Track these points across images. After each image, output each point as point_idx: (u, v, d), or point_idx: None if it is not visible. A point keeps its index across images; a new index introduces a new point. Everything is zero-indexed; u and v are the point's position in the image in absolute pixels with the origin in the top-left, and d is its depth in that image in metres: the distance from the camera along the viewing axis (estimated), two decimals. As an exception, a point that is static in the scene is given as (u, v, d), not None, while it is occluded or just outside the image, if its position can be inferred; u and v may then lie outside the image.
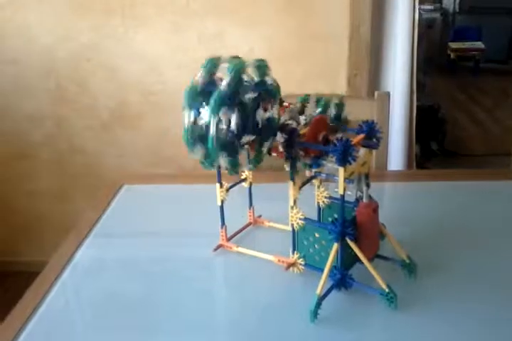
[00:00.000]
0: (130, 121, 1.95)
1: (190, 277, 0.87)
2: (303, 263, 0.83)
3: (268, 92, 0.74)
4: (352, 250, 0.76)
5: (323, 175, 0.75)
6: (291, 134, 0.75)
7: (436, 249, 0.91)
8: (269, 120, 0.74)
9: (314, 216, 0.87)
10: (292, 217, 0.81)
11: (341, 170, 0.71)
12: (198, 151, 0.72)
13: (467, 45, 4.97)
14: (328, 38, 1.77)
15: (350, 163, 0.71)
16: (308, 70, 1.81)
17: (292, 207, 0.80)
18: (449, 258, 0.88)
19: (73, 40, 1.85)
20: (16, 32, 1.85)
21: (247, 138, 0.72)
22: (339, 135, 0.75)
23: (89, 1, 1.80)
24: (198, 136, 0.71)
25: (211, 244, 0.92)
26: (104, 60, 1.87)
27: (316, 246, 0.81)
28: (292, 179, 0.78)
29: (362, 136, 0.75)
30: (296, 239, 0.83)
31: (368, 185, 0.78)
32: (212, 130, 0.69)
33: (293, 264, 0.83)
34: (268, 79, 0.74)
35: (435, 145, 3.09)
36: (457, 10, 5.20)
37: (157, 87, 1.90)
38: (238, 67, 0.70)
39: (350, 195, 0.80)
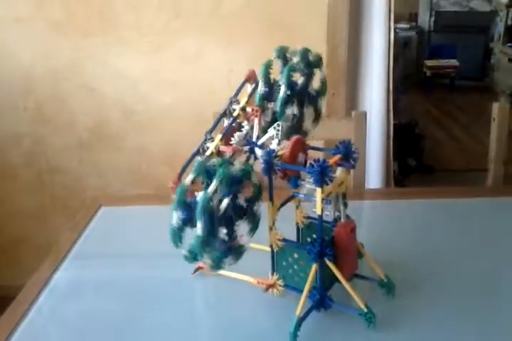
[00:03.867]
0: (109, 141, 1.95)
1: (170, 299, 0.87)
2: (282, 284, 0.83)
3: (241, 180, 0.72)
4: (331, 270, 0.77)
5: (302, 196, 0.76)
6: (269, 156, 0.75)
7: (414, 267, 0.92)
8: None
9: (293, 235, 0.87)
10: (271, 238, 0.81)
11: (319, 190, 0.72)
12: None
13: (442, 62, 5.08)
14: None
15: (328, 184, 0.71)
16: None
17: (271, 228, 0.80)
18: (427, 277, 0.89)
19: (53, 59, 1.84)
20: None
21: (237, 229, 0.72)
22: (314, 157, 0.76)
23: (70, 21, 1.80)
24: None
25: (190, 266, 0.92)
26: (84, 80, 1.87)
27: (295, 266, 0.81)
28: (271, 199, 0.79)
29: (338, 156, 0.76)
30: (276, 260, 0.83)
31: (345, 205, 0.79)
32: (208, 262, 0.71)
33: (272, 285, 0.83)
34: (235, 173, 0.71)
35: (413, 162, 3.14)
36: (432, 28, 5.34)
37: (137, 106, 1.90)
38: (226, 172, 0.70)
39: (328, 215, 0.80)
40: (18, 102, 1.90)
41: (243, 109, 0.84)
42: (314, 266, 0.76)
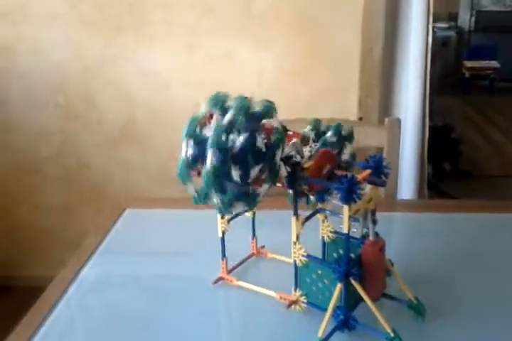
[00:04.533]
0: (138, 139, 1.94)
1: (190, 301, 0.85)
2: (305, 301, 0.79)
3: (263, 117, 0.70)
4: (356, 290, 0.73)
5: (327, 212, 0.72)
6: (294, 168, 0.72)
7: (448, 288, 0.87)
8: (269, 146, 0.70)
9: (319, 250, 0.83)
10: (295, 253, 0.77)
11: (346, 208, 0.68)
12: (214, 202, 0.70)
13: (482, 63, 4.92)
14: (339, 59, 1.75)
15: (355, 202, 0.67)
16: (318, 92, 1.79)
17: (295, 243, 0.77)
18: (461, 300, 0.83)
19: (84, 56, 1.85)
20: (28, 47, 1.85)
21: (254, 172, 0.69)
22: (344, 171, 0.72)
23: (101, 19, 1.80)
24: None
25: (212, 274, 0.89)
26: (114, 78, 1.87)
27: (319, 284, 0.77)
28: (295, 214, 0.75)
29: (368, 171, 0.72)
30: (299, 276, 0.79)
31: (374, 222, 0.75)
32: (217, 201, 0.68)
33: (295, 302, 0.80)
34: (256, 108, 0.69)
35: (448, 166, 3.04)
36: (472, 28, 5.17)
37: (165, 105, 1.89)
38: (218, 135, 0.66)
39: (356, 232, 0.76)
40: (49, 99, 1.92)
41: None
42: (339, 286, 0.72)
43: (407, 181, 1.85)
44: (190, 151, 0.69)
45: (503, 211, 1.11)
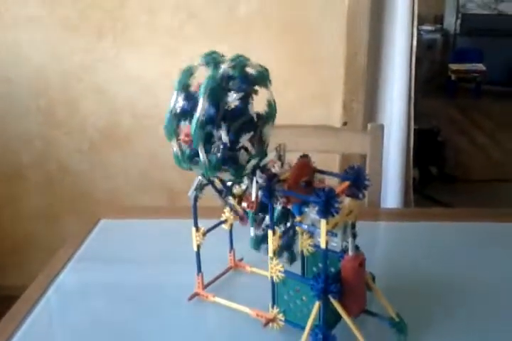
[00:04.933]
0: (120, 143, 1.90)
1: (164, 328, 0.80)
2: (282, 319, 0.76)
3: (256, 82, 0.69)
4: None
5: (305, 227, 0.69)
6: (270, 180, 0.68)
7: (432, 303, 0.83)
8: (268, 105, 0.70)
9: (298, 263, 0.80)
10: (271, 268, 0.74)
11: (323, 222, 0.64)
12: (197, 171, 0.69)
13: (468, 66, 4.93)
14: (324, 64, 1.72)
15: (333, 215, 0.64)
16: (303, 96, 1.76)
17: (272, 258, 0.73)
18: (444, 315, 0.80)
19: (64, 60, 1.81)
20: (7, 50, 1.81)
21: (245, 139, 0.68)
22: (321, 183, 0.69)
23: (81, 22, 1.76)
24: (191, 154, 0.67)
25: (188, 287, 0.86)
26: (95, 82, 1.83)
27: (297, 301, 0.74)
28: (272, 227, 0.72)
29: (347, 183, 0.69)
30: (276, 292, 0.76)
31: (354, 236, 0.72)
32: (203, 158, 0.65)
33: (272, 320, 0.76)
34: (250, 70, 0.68)
35: (434, 170, 3.03)
36: (458, 31, 5.18)
37: (148, 109, 1.85)
38: (211, 84, 0.64)
39: (335, 246, 0.73)
40: (30, 103, 1.87)
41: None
42: (317, 304, 0.69)
43: (392, 186, 1.83)
44: (180, 104, 0.67)
45: (492, 219, 1.07)
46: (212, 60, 0.67)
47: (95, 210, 1.22)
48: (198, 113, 0.64)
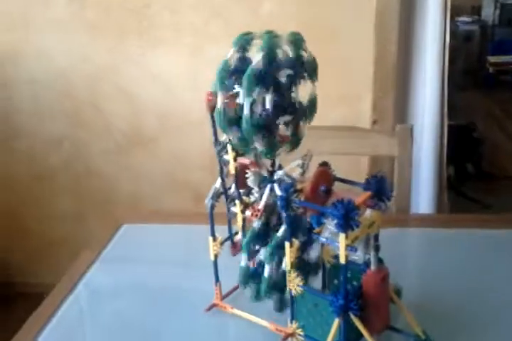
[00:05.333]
0: (145, 145, 1.89)
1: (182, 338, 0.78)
2: (302, 333, 0.72)
3: (305, 68, 0.68)
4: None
5: (323, 239, 0.65)
6: (287, 191, 0.64)
7: (462, 320, 0.78)
8: (309, 99, 0.70)
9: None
10: (290, 282, 0.70)
11: (342, 236, 0.60)
12: (233, 134, 0.67)
13: (507, 58, 4.74)
14: (351, 62, 1.66)
15: (353, 229, 0.60)
16: (330, 95, 1.71)
17: (289, 272, 0.70)
18: (476, 334, 0.75)
19: (89, 61, 1.81)
20: (33, 52, 1.82)
21: (283, 119, 0.67)
22: (340, 194, 0.65)
23: (106, 23, 1.75)
24: (232, 118, 0.67)
25: (207, 296, 0.83)
26: (120, 83, 1.82)
27: (316, 316, 0.70)
28: (288, 239, 0.68)
29: (368, 194, 0.64)
30: (295, 306, 0.72)
31: (377, 249, 0.68)
32: (247, 112, 0.64)
33: (291, 335, 0.73)
34: (304, 54, 0.68)
35: (471, 168, 2.92)
36: (496, 22, 4.99)
37: (172, 110, 1.83)
38: (271, 42, 0.64)
39: (357, 259, 0.69)
40: (56, 105, 1.88)
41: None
42: (337, 321, 0.65)
43: (424, 187, 1.76)
44: (234, 60, 0.67)
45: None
46: (246, 43, 0.68)
47: (120, 212, 1.22)
48: (246, 115, 0.64)
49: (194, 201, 1.88)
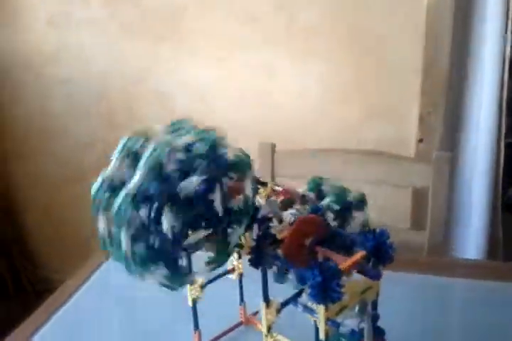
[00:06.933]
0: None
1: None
2: None
3: (229, 167, 0.52)
4: None
5: (300, 307, 0.52)
6: (260, 240, 0.52)
7: None
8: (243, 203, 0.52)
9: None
10: (266, 348, 0.58)
11: (321, 308, 0.48)
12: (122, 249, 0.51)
13: None
14: (395, 73, 1.51)
15: (334, 301, 0.47)
16: (372, 108, 1.56)
17: (266, 336, 0.57)
18: None
19: (124, 64, 1.77)
20: (69, 51, 1.79)
21: (196, 236, 0.51)
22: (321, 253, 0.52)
23: (141, 26, 1.70)
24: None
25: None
26: (153, 87, 1.77)
27: None
28: (266, 299, 0.56)
29: (362, 253, 0.51)
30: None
31: (374, 319, 0.54)
32: (128, 248, 0.49)
33: None
34: (223, 151, 0.52)
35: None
36: None
37: (203, 116, 1.74)
38: (156, 154, 0.50)
39: (350, 325, 0.56)
40: (90, 105, 1.85)
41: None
42: None
43: (475, 218, 1.57)
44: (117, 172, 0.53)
45: None
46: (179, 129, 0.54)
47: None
48: (135, 183, 0.50)
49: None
